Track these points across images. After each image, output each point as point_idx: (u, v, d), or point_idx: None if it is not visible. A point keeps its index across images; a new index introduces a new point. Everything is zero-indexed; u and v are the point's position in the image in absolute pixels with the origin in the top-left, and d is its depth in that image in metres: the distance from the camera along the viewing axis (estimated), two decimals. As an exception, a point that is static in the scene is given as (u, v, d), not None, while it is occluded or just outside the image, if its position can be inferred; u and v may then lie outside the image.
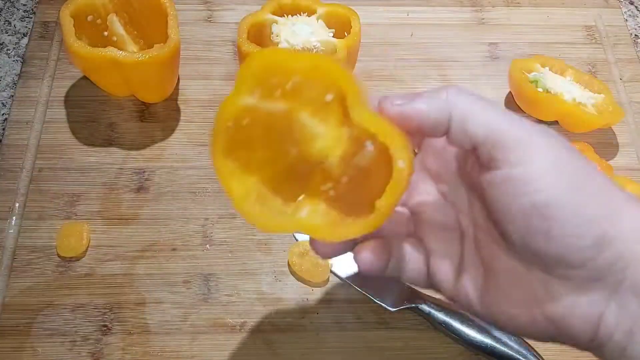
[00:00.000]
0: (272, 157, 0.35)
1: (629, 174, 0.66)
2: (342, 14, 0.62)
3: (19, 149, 0.64)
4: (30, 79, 0.68)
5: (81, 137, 0.65)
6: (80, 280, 0.57)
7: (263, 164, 0.35)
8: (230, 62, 0.71)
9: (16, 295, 0.56)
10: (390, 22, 0.76)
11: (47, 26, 0.72)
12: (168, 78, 0.65)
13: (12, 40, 0.73)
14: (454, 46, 0.74)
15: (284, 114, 0.34)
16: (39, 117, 0.66)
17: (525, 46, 0.75)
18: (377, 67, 0.72)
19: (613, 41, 0.76)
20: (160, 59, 0.59)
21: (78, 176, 0.63)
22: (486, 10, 0.78)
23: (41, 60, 0.70)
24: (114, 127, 0.66)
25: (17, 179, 0.62)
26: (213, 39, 0.73)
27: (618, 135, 0.69)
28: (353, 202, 0.34)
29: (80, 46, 0.58)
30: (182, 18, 0.72)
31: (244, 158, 0.34)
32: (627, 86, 0.72)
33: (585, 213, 0.29)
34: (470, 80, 0.72)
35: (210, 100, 0.68)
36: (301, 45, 0.60)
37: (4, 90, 0.69)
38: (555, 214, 0.29)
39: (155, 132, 0.66)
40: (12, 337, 0.54)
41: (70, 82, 0.69)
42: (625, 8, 0.80)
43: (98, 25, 0.64)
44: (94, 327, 0.55)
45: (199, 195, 0.62)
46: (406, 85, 0.71)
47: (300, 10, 0.63)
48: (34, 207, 0.60)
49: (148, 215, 0.61)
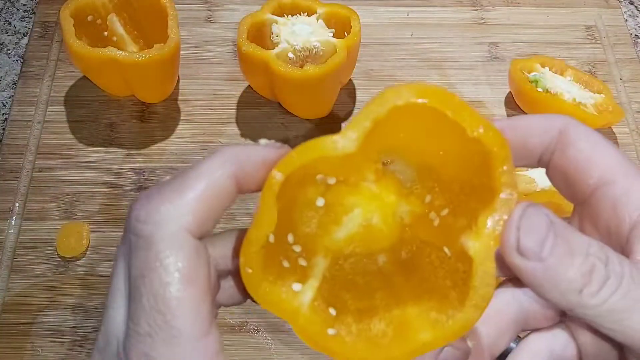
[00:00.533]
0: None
1: (629, 174, 0.66)
2: (342, 14, 0.62)
3: (19, 149, 0.64)
4: (30, 79, 0.68)
5: (81, 137, 0.65)
6: (80, 280, 0.57)
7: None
8: (230, 62, 0.71)
9: (16, 295, 0.56)
10: (390, 22, 0.76)
11: (47, 26, 0.72)
12: (168, 78, 0.65)
13: (12, 40, 0.73)
14: (454, 46, 0.74)
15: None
16: (39, 117, 0.66)
17: (525, 46, 0.75)
18: (377, 67, 0.72)
19: (613, 41, 0.76)
20: (160, 59, 0.59)
21: (78, 176, 0.63)
22: (486, 10, 0.78)
23: (41, 60, 0.70)
24: (114, 127, 0.66)
25: (17, 179, 0.62)
26: (213, 39, 0.73)
27: (618, 135, 0.69)
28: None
29: (80, 46, 0.58)
30: (182, 18, 0.72)
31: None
32: (627, 86, 0.72)
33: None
34: (470, 80, 0.72)
35: (210, 100, 0.68)
36: (301, 45, 0.60)
37: (4, 90, 0.69)
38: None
39: (155, 132, 0.66)
40: (12, 337, 0.54)
41: (70, 82, 0.69)
42: (625, 8, 0.80)
43: (98, 25, 0.64)
44: (94, 327, 0.55)
45: (199, 195, 0.62)
46: (406, 85, 0.71)
47: (300, 10, 0.63)
48: (34, 207, 0.60)
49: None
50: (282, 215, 0.26)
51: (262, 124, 0.67)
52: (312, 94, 0.61)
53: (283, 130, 0.67)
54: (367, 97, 0.70)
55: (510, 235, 0.23)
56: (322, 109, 0.67)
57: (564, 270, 0.23)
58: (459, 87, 0.71)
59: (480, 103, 0.70)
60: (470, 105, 0.24)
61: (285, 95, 0.63)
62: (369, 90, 0.70)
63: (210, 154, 0.25)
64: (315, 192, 0.28)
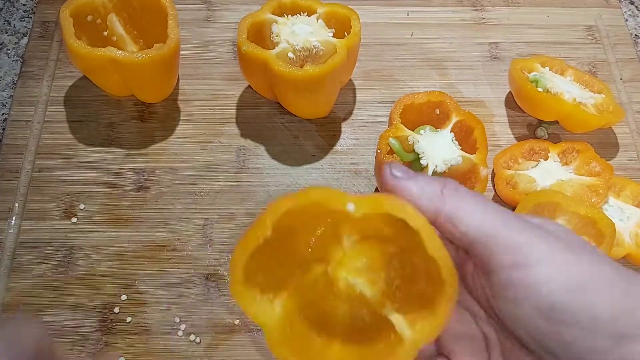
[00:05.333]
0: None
1: (629, 174, 0.66)
2: (342, 13, 0.62)
3: (19, 149, 0.64)
4: (30, 79, 0.68)
5: (81, 137, 0.65)
6: (80, 280, 0.57)
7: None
8: (230, 62, 0.71)
9: (16, 295, 0.56)
10: (390, 22, 0.76)
11: (47, 26, 0.72)
12: (168, 78, 0.65)
13: (12, 40, 0.73)
14: (454, 46, 0.74)
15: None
16: (39, 117, 0.66)
17: (525, 46, 0.75)
18: (377, 67, 0.72)
19: (613, 41, 0.76)
20: (160, 59, 0.59)
21: (78, 176, 0.63)
22: (486, 10, 0.78)
23: (41, 60, 0.70)
24: (114, 127, 0.66)
25: (17, 179, 0.62)
26: (213, 39, 0.73)
27: (618, 135, 0.69)
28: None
29: (80, 46, 0.58)
30: (182, 18, 0.72)
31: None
32: (627, 86, 0.72)
33: (595, 313, 0.28)
34: (470, 80, 0.72)
35: (210, 100, 0.68)
36: (301, 45, 0.60)
37: (3, 90, 0.69)
38: (563, 318, 0.28)
39: (155, 132, 0.66)
40: (12, 337, 0.54)
41: (70, 82, 0.69)
42: (625, 8, 0.80)
43: (98, 25, 0.64)
44: (94, 327, 0.55)
45: (199, 195, 0.62)
46: (406, 85, 0.71)
47: (300, 10, 0.63)
48: (34, 207, 0.60)
49: (148, 215, 0.61)
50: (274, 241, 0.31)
51: (262, 124, 0.67)
52: (312, 94, 0.61)
53: (283, 130, 0.67)
54: (367, 97, 0.70)
55: (386, 170, 0.32)
56: (322, 109, 0.67)
57: (428, 181, 0.32)
58: (459, 87, 0.71)
59: (480, 103, 0.70)
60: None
61: (285, 95, 0.63)
62: (369, 90, 0.70)
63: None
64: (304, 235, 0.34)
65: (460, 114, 0.60)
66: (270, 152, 0.65)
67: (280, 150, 0.66)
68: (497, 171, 0.63)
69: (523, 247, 0.29)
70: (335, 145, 0.66)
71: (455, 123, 0.59)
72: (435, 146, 0.57)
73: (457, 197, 0.31)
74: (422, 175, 0.33)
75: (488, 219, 0.30)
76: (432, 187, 0.32)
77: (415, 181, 0.32)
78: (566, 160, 0.64)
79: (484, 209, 0.31)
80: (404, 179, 0.32)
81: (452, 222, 0.31)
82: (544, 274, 0.28)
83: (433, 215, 0.31)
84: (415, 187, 0.32)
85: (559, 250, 0.29)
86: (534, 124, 0.69)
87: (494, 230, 0.30)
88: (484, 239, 0.30)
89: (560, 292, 0.28)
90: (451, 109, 0.60)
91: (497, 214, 0.30)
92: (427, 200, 0.31)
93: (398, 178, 0.32)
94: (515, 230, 0.30)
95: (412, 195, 0.32)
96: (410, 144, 0.58)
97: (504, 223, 0.30)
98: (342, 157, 0.65)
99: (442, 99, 0.60)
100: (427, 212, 0.31)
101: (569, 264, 0.29)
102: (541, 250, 0.29)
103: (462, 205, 0.31)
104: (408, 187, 0.32)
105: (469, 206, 0.31)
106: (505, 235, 0.29)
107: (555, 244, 0.29)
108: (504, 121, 0.69)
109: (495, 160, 0.64)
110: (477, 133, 0.59)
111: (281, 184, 0.63)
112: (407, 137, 0.58)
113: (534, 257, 0.29)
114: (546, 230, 0.30)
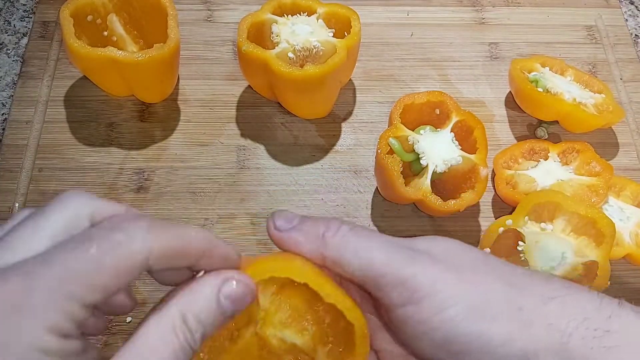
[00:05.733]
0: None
1: (629, 174, 0.66)
2: (342, 13, 0.62)
3: (19, 149, 0.64)
4: (30, 78, 0.68)
5: (81, 137, 0.65)
6: (80, 280, 0.57)
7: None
8: (230, 62, 0.71)
9: (16, 295, 0.56)
10: (390, 22, 0.76)
11: (47, 26, 0.72)
12: (168, 78, 0.65)
13: (12, 40, 0.73)
14: (454, 46, 0.74)
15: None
16: (39, 117, 0.66)
17: (525, 46, 0.75)
18: (377, 67, 0.72)
19: (613, 41, 0.76)
20: (160, 59, 0.59)
21: (78, 176, 0.63)
22: (486, 10, 0.78)
23: (41, 60, 0.70)
24: (114, 127, 0.66)
25: (17, 179, 0.62)
26: (213, 39, 0.73)
27: (618, 135, 0.69)
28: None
29: (80, 46, 0.58)
30: (182, 18, 0.72)
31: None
32: (627, 86, 0.72)
33: (489, 339, 0.28)
34: (470, 80, 0.72)
35: (210, 100, 0.68)
36: (301, 45, 0.60)
37: (3, 90, 0.69)
38: (459, 349, 0.28)
39: (155, 132, 0.66)
40: (12, 337, 0.54)
41: (70, 82, 0.69)
42: (625, 8, 0.80)
43: (98, 25, 0.64)
44: (94, 327, 0.55)
45: (199, 195, 0.62)
46: (406, 85, 0.71)
47: (300, 10, 0.63)
48: (34, 207, 0.60)
49: (148, 215, 0.61)
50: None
51: (262, 124, 0.67)
52: (312, 94, 0.61)
53: (283, 130, 0.67)
54: (367, 97, 0.70)
55: (269, 223, 0.32)
56: (322, 109, 0.67)
57: (311, 225, 0.32)
58: (459, 87, 0.71)
59: (480, 103, 0.70)
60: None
61: (285, 95, 0.63)
62: (369, 90, 0.70)
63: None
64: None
65: (460, 114, 0.60)
66: (270, 152, 0.65)
67: (280, 150, 0.66)
68: (497, 171, 0.63)
69: (410, 282, 0.29)
70: (335, 145, 0.66)
71: (455, 123, 0.59)
72: (435, 146, 0.58)
73: (338, 239, 0.31)
74: (307, 220, 0.32)
75: (373, 257, 0.30)
76: (315, 231, 0.31)
77: (300, 229, 0.32)
78: (566, 160, 0.64)
79: (368, 246, 0.30)
80: (287, 230, 0.32)
81: (338, 265, 0.30)
82: (435, 307, 0.28)
83: (320, 260, 0.31)
84: (300, 236, 0.32)
85: (447, 278, 0.29)
86: (534, 124, 0.69)
87: (380, 268, 0.29)
88: (371, 277, 0.30)
89: (453, 323, 0.28)
90: (451, 109, 0.60)
91: (382, 250, 0.30)
92: (310, 247, 0.31)
93: (281, 231, 0.32)
94: (401, 264, 0.29)
95: (297, 244, 0.31)
96: (410, 144, 0.58)
97: (389, 259, 0.30)
98: (342, 157, 0.65)
99: (442, 99, 0.60)
100: (314, 258, 0.31)
101: (460, 291, 0.29)
102: (429, 281, 0.29)
103: (344, 246, 0.30)
104: (293, 237, 0.32)
105: (352, 246, 0.30)
106: (391, 271, 0.29)
107: (444, 271, 0.29)
108: (504, 121, 0.69)
109: (495, 160, 0.64)
110: (477, 133, 0.59)
111: (281, 184, 0.63)
112: (407, 137, 0.58)
113: (424, 291, 0.29)
114: (433, 256, 0.30)
